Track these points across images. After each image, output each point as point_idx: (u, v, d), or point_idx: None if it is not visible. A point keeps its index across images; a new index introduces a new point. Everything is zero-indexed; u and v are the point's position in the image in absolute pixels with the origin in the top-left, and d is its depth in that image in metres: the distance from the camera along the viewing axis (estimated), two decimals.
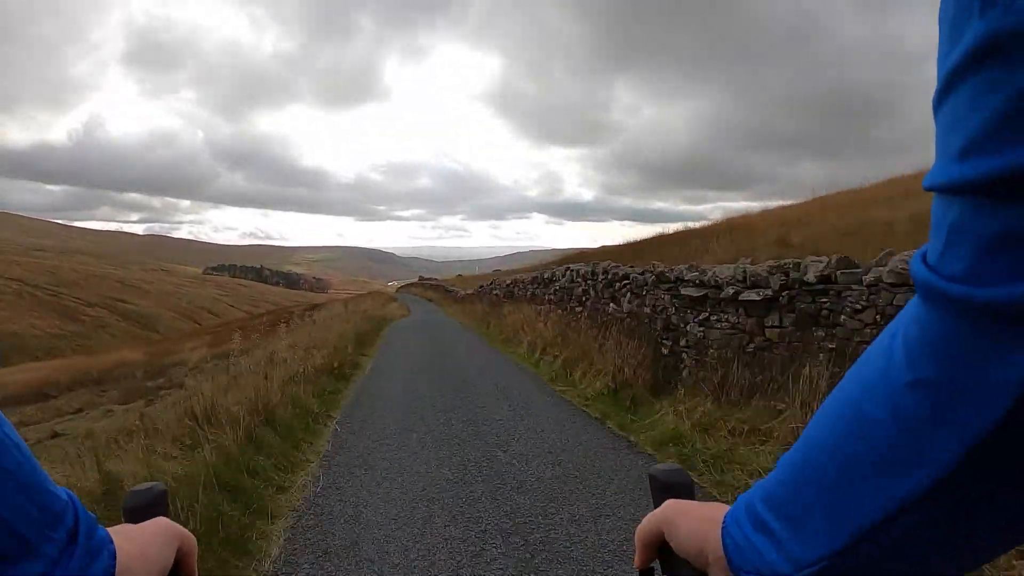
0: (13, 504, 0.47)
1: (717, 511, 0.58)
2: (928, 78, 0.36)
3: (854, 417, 0.43)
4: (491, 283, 24.86)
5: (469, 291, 31.42)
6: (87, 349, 51.31)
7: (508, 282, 20.01)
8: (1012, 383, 0.33)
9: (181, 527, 0.67)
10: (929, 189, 0.36)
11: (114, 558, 0.54)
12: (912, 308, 0.40)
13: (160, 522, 0.65)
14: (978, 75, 0.31)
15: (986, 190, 0.32)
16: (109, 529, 0.57)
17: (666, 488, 0.67)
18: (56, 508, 0.50)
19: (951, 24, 0.33)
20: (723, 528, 0.54)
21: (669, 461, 0.80)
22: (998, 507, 0.38)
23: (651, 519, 0.63)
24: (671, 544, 0.61)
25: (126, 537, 0.59)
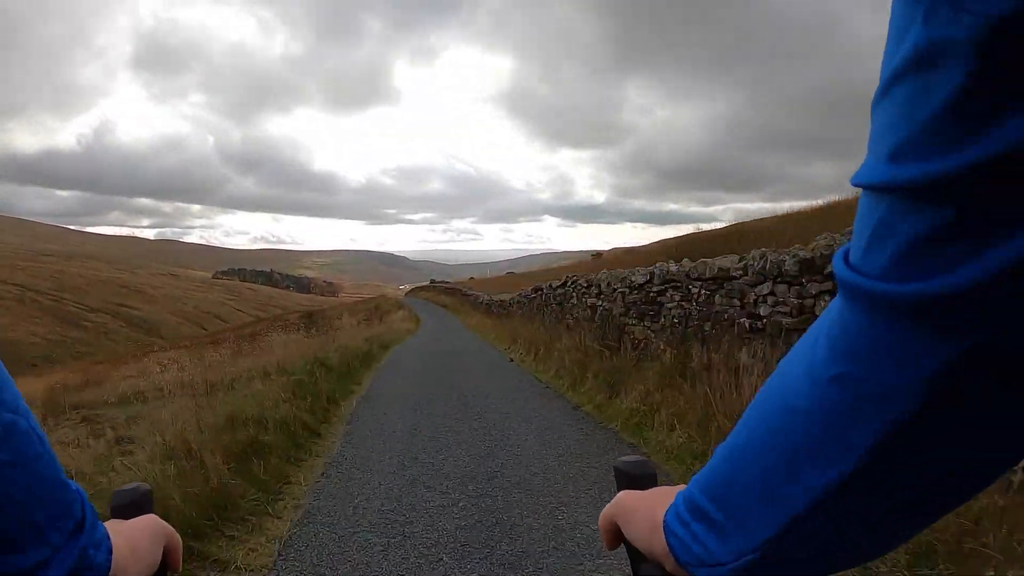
0: (32, 492, 0.49)
1: (662, 504, 0.59)
2: None
3: (782, 409, 0.45)
4: (538, 290, 16.32)
5: (497, 297, 25.73)
6: (88, 356, 49.57)
7: (582, 283, 12.14)
8: (926, 378, 0.35)
9: (168, 524, 0.70)
10: (857, 186, 0.37)
11: (110, 552, 0.56)
12: (834, 306, 0.42)
13: (149, 519, 0.68)
14: (914, 80, 0.32)
15: (911, 192, 0.33)
16: (110, 528, 0.60)
17: (628, 479, 0.67)
18: (67, 498, 0.53)
19: (897, 27, 0.34)
20: (665, 525, 0.56)
21: (632, 455, 0.74)
22: (912, 494, 0.41)
23: (607, 510, 0.65)
24: (625, 535, 0.63)
25: (118, 532, 0.61)
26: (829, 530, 0.44)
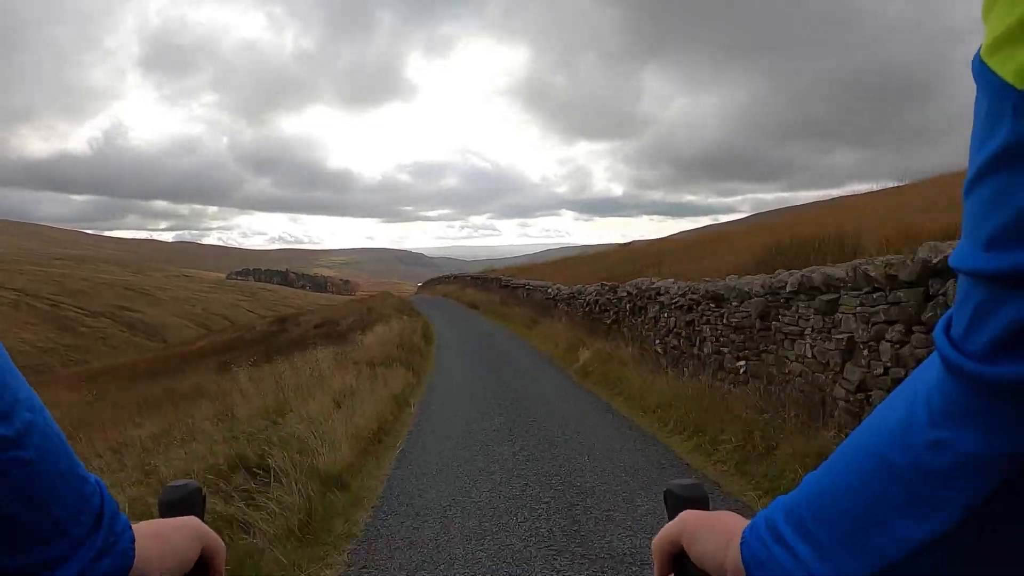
0: (53, 490, 0.51)
1: (734, 522, 0.61)
2: (969, 55, 0.39)
3: (880, 462, 0.47)
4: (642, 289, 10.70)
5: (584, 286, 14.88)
6: (81, 364, 46.14)
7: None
8: (1016, 454, 0.38)
9: (209, 529, 0.70)
10: (955, 270, 0.40)
11: (133, 543, 0.57)
12: (935, 368, 0.44)
13: (187, 520, 0.69)
14: (1006, 173, 0.34)
15: (1008, 281, 0.35)
16: (137, 524, 0.61)
17: (682, 502, 0.69)
18: (86, 492, 0.54)
19: (985, 117, 0.36)
20: (742, 541, 0.57)
21: (685, 477, 0.82)
22: (1003, 558, 0.43)
23: (668, 530, 0.66)
24: (689, 555, 0.63)
25: (147, 525, 0.63)
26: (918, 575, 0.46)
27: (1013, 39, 0.34)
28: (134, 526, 0.60)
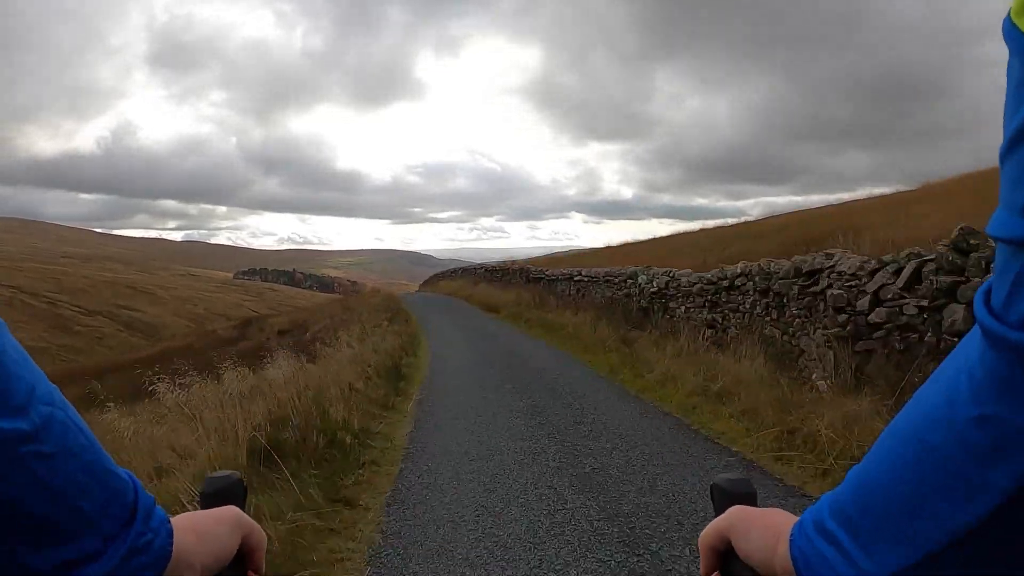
0: (78, 484, 0.51)
1: (783, 519, 0.61)
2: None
3: (920, 446, 0.46)
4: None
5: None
6: (73, 364, 44.45)
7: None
8: None
9: (250, 519, 0.69)
10: (993, 238, 0.39)
11: (171, 537, 0.57)
12: (975, 343, 0.43)
13: (227, 510, 0.68)
14: None
15: None
16: (175, 516, 0.62)
17: (730, 497, 0.69)
18: (117, 487, 0.54)
19: (1018, 82, 0.36)
20: (791, 540, 0.57)
21: (732, 472, 0.81)
22: None
23: (717, 524, 0.66)
24: (737, 550, 0.63)
25: (186, 519, 0.63)
26: (964, 566, 0.45)
27: None
28: (173, 519, 0.60)
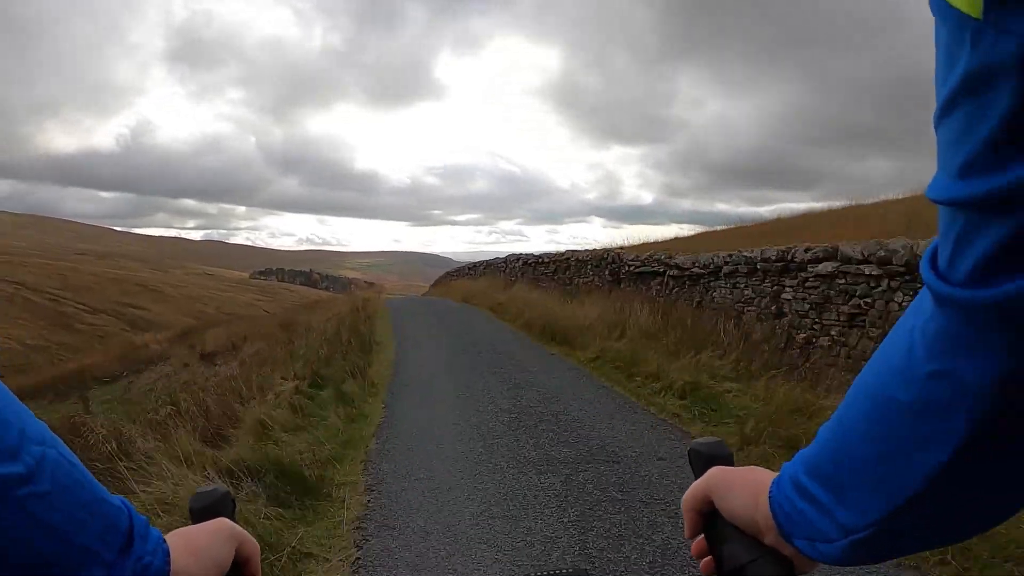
0: (76, 519, 0.52)
1: (762, 476, 0.64)
2: None
3: (884, 401, 0.49)
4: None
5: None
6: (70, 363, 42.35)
7: None
8: (1009, 369, 0.40)
9: (242, 530, 0.70)
10: (933, 201, 0.41)
11: (168, 556, 0.59)
12: (926, 303, 0.46)
13: (218, 522, 0.69)
14: (969, 102, 0.36)
15: (983, 206, 0.37)
16: (169, 533, 0.63)
17: (708, 460, 0.71)
18: (112, 515, 0.55)
19: (946, 49, 0.38)
20: (770, 496, 0.61)
21: (706, 437, 0.80)
22: (1009, 477, 0.46)
23: (698, 487, 0.68)
24: (720, 509, 0.66)
25: (180, 536, 0.64)
26: (933, 512, 0.49)
27: None
28: (167, 536, 0.61)
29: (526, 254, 22.75)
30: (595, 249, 17.11)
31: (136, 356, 26.03)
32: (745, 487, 0.64)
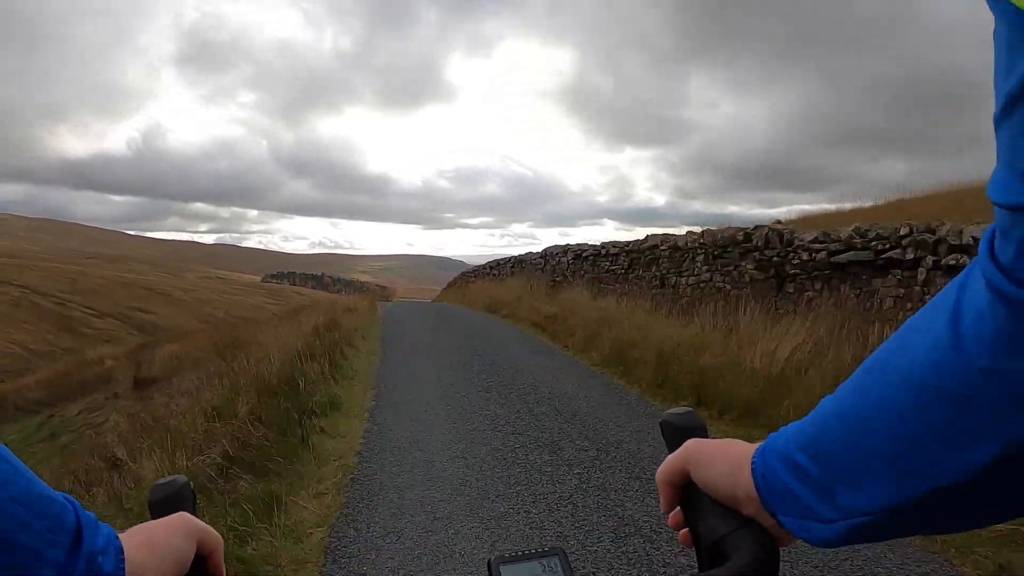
0: (14, 516, 0.48)
1: (742, 448, 0.62)
2: None
3: (923, 388, 0.46)
4: None
5: None
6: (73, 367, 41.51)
7: None
8: None
9: (202, 523, 0.68)
10: (996, 204, 0.39)
11: (121, 554, 0.56)
12: (981, 294, 0.43)
13: (177, 517, 0.66)
14: None
15: None
16: (124, 531, 0.61)
17: (681, 431, 0.69)
18: (55, 512, 0.52)
19: (1007, 46, 0.36)
20: (753, 468, 0.59)
21: (678, 407, 0.77)
22: None
23: (673, 459, 0.66)
24: (697, 481, 0.64)
25: (136, 533, 0.62)
26: (951, 504, 0.47)
27: None
28: (123, 535, 0.59)
29: (577, 245, 17.87)
30: (713, 230, 11.07)
31: (82, 376, 23.70)
32: (725, 459, 0.61)
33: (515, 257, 23.51)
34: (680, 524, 0.67)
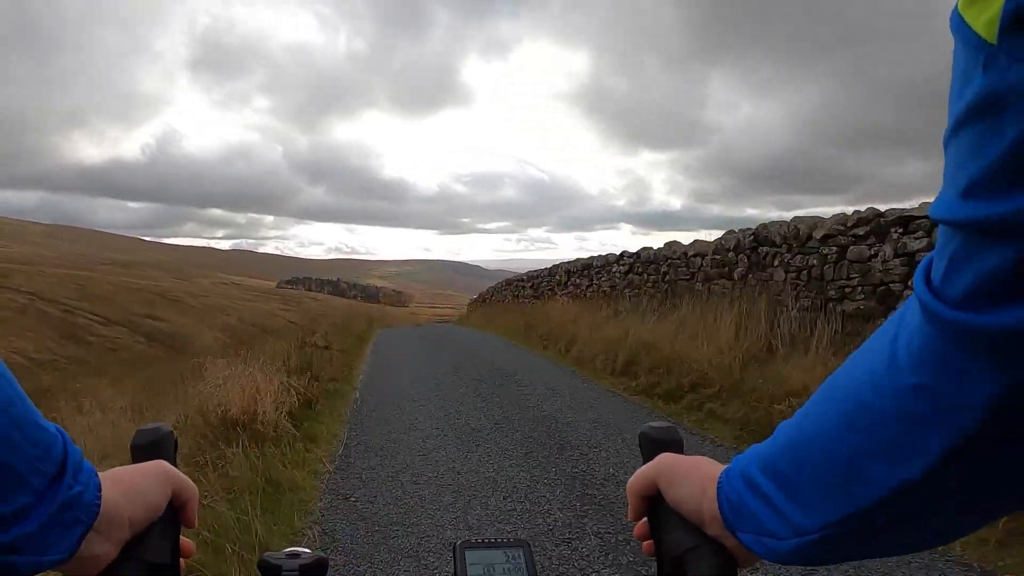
0: (8, 440, 0.50)
1: (711, 468, 0.65)
2: None
3: (859, 407, 0.49)
4: None
5: None
6: (81, 379, 40.02)
7: None
8: (991, 396, 0.40)
9: (179, 472, 0.69)
10: (935, 219, 0.41)
11: (99, 490, 0.58)
12: (914, 316, 0.45)
13: (155, 464, 0.68)
14: (980, 124, 0.36)
15: (983, 229, 0.37)
16: (104, 472, 0.62)
17: (658, 445, 0.72)
18: (46, 441, 0.54)
19: (962, 69, 0.38)
20: (719, 488, 0.61)
21: (659, 420, 0.86)
22: (975, 497, 0.46)
23: (646, 471, 0.68)
24: (665, 496, 0.66)
25: (112, 474, 0.63)
26: (891, 522, 0.49)
27: None
28: (101, 474, 0.60)
29: (629, 254, 14.34)
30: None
31: None
32: (694, 477, 0.64)
33: (587, 262, 17.71)
34: (645, 535, 0.70)
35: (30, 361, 47.35)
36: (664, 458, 0.68)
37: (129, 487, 0.62)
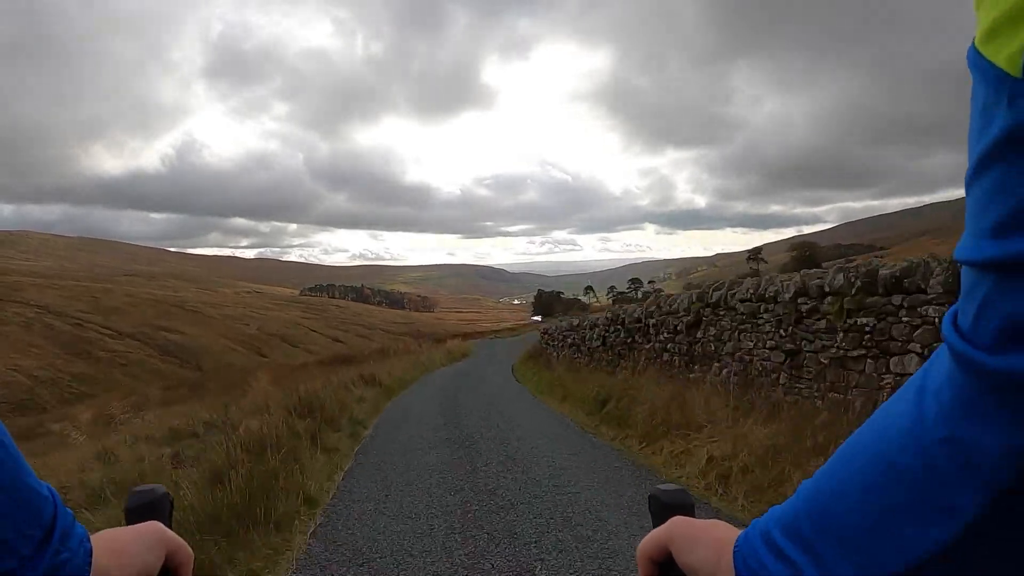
0: None
1: (726, 532, 0.62)
2: None
3: (885, 465, 0.47)
4: None
5: None
6: (86, 399, 37.29)
7: None
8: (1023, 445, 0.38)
9: (174, 535, 0.68)
10: (960, 262, 0.40)
11: (90, 556, 0.56)
12: (944, 365, 0.44)
13: (149, 526, 0.67)
14: (1004, 163, 0.35)
15: (1011, 270, 0.36)
16: (96, 534, 0.61)
17: (669, 508, 0.70)
18: (36, 504, 0.53)
19: (982, 108, 0.37)
20: (736, 551, 0.59)
21: (669, 483, 0.79)
22: (1020, 552, 0.43)
23: (657, 535, 0.66)
24: (678, 561, 0.64)
25: (105, 537, 0.62)
26: None
27: (1006, 26, 0.35)
28: (92, 537, 0.59)
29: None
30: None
31: None
32: (709, 541, 0.62)
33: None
34: None
35: (32, 380, 44.82)
36: (677, 521, 0.65)
37: (121, 551, 0.60)
